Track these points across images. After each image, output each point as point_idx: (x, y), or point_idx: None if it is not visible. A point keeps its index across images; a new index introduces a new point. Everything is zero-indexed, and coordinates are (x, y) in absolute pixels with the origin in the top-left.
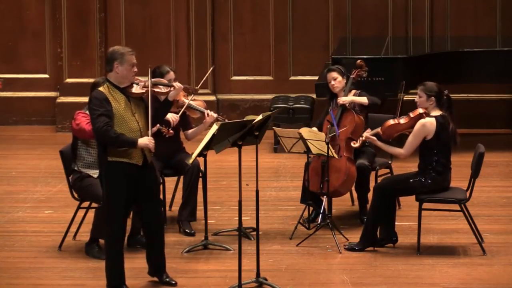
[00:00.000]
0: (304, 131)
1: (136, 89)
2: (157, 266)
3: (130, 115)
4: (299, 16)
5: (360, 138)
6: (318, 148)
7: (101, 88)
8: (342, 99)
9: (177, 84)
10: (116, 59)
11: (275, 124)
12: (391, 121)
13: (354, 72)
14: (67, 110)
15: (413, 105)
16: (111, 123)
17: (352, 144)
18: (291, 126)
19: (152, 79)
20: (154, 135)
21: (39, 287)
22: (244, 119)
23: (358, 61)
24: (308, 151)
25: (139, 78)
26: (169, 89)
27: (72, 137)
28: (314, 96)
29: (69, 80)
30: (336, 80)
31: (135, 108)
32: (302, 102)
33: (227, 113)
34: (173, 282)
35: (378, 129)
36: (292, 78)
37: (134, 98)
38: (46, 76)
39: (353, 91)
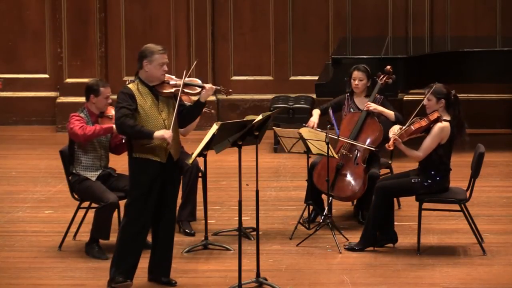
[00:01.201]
0: (304, 131)
1: (166, 88)
2: (163, 266)
3: (156, 113)
4: (299, 16)
5: (393, 141)
6: (318, 148)
7: (130, 85)
8: (373, 106)
9: (209, 85)
10: (146, 57)
11: (275, 124)
12: (416, 125)
13: (383, 78)
14: (67, 110)
15: (414, 105)
16: (131, 115)
17: (387, 146)
18: (291, 126)
19: (186, 79)
20: None
21: (39, 287)
22: (244, 119)
23: (388, 67)
24: (308, 151)
25: (172, 77)
26: (199, 90)
27: (68, 140)
28: (314, 96)
29: (69, 80)
30: (362, 81)
31: (163, 106)
32: (302, 102)
33: (227, 113)
34: (173, 282)
35: (402, 132)
36: (292, 78)
37: (164, 96)
38: (46, 76)
39: (376, 95)
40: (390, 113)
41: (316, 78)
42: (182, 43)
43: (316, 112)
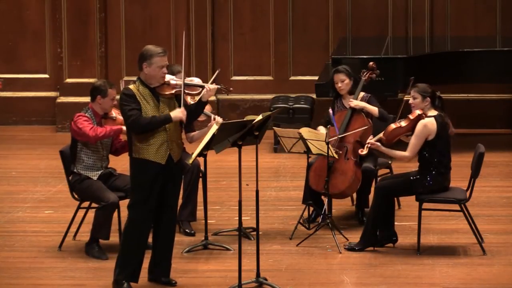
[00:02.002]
0: (304, 131)
1: (166, 90)
2: (163, 266)
3: (156, 114)
4: (299, 16)
5: (367, 145)
6: (318, 148)
7: (131, 86)
8: (354, 103)
9: (210, 85)
10: (145, 60)
11: (275, 124)
12: (393, 126)
13: (366, 74)
14: (67, 110)
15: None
16: (141, 115)
17: (359, 152)
18: (291, 126)
19: (186, 79)
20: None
21: (39, 287)
22: (244, 119)
23: (371, 63)
24: (308, 151)
25: (173, 77)
26: (200, 89)
27: (71, 139)
28: (314, 96)
29: (69, 80)
30: (344, 82)
31: (164, 107)
32: (302, 102)
33: (227, 113)
34: (173, 282)
35: (381, 135)
36: (292, 78)
37: (165, 97)
38: (46, 76)
39: (362, 93)
40: (374, 109)
41: (316, 78)
42: (182, 43)
43: (321, 128)
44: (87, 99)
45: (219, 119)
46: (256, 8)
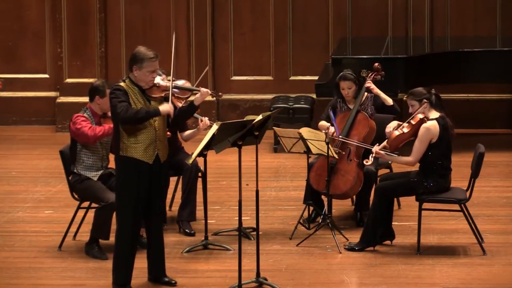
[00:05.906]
0: (304, 131)
1: (155, 92)
2: (156, 267)
3: None
4: (299, 16)
5: (372, 155)
6: (318, 148)
7: (121, 84)
8: (372, 85)
9: (202, 89)
10: (136, 63)
11: (275, 124)
12: (396, 133)
13: (371, 75)
14: (67, 110)
15: None
16: (130, 106)
17: (364, 162)
18: (291, 126)
19: (174, 83)
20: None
21: (39, 287)
22: (244, 119)
23: (376, 64)
24: (308, 151)
25: (162, 76)
26: (189, 94)
27: (70, 140)
28: (314, 96)
29: (69, 80)
30: (351, 89)
31: (155, 106)
32: (302, 102)
33: (227, 113)
34: (173, 282)
35: (385, 143)
36: (292, 78)
37: (155, 100)
38: (46, 76)
39: (366, 94)
40: (387, 98)
41: (316, 78)
42: (182, 43)
43: (324, 123)
44: (87, 99)
45: (207, 121)
46: (256, 8)
